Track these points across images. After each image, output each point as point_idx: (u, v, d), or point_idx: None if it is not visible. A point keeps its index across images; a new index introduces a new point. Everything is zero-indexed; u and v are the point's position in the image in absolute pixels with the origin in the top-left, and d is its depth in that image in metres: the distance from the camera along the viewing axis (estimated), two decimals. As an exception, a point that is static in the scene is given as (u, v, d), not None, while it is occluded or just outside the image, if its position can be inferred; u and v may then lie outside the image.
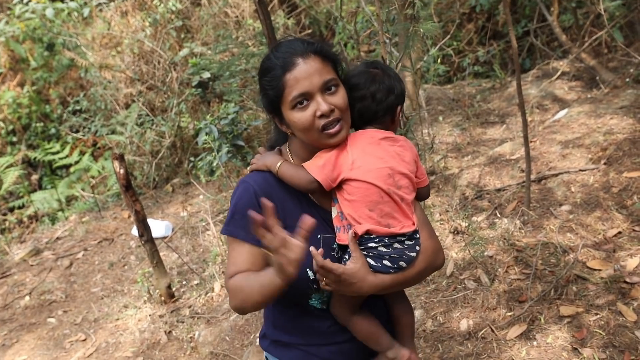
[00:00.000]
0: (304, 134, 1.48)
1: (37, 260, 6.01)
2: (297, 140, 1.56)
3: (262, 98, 1.54)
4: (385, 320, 1.65)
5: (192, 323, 4.18)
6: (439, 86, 7.04)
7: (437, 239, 1.62)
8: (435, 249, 1.59)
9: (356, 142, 1.51)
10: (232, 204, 1.53)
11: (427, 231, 1.59)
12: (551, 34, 6.89)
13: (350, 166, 1.47)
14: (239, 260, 1.49)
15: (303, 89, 1.42)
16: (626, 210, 3.50)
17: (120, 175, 4.10)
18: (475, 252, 3.63)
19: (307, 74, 1.42)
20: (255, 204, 1.48)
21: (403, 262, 1.49)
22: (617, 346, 2.61)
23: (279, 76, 1.44)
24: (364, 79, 1.56)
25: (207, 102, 7.39)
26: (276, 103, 1.48)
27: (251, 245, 1.48)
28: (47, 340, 4.50)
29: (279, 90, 1.45)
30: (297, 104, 1.44)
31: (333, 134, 1.45)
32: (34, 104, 8.97)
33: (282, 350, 1.67)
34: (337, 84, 1.47)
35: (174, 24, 7.46)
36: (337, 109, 1.45)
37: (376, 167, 1.47)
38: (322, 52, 1.47)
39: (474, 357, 2.88)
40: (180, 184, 7.18)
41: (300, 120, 1.44)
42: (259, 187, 1.51)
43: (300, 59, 1.43)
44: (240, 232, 1.49)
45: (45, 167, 8.87)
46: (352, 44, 7.01)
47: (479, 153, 5.04)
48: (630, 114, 4.50)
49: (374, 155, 1.49)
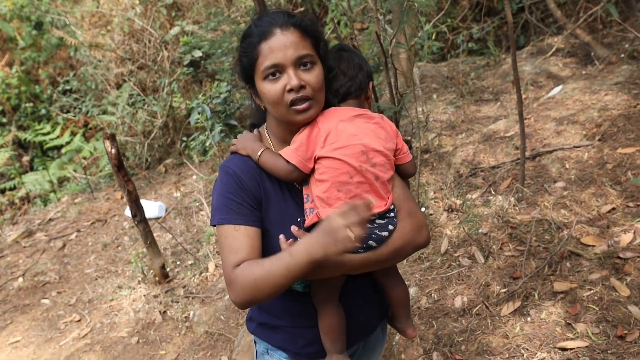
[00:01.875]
0: (273, 108, 1.44)
1: (29, 241, 5.98)
2: (273, 118, 1.52)
3: (237, 65, 1.50)
4: (366, 300, 1.64)
5: (186, 303, 4.18)
6: (433, 63, 6.98)
7: (419, 216, 1.55)
8: (416, 226, 1.52)
9: (328, 119, 1.46)
10: (217, 193, 1.48)
11: (407, 208, 1.53)
12: (546, 10, 6.82)
13: (322, 143, 1.42)
14: (237, 245, 1.41)
15: (275, 60, 1.38)
16: (620, 186, 3.50)
17: (112, 156, 4.05)
18: (470, 230, 3.62)
19: (283, 45, 1.38)
20: (241, 186, 1.45)
21: (372, 241, 1.44)
22: (610, 321, 2.63)
23: (255, 44, 1.40)
24: (333, 59, 1.55)
25: (199, 81, 7.31)
26: (249, 72, 1.45)
27: (247, 226, 1.43)
28: (42, 321, 4.50)
29: (253, 58, 1.41)
30: (269, 75, 1.39)
31: (300, 110, 1.40)
32: (23, 84, 8.85)
33: (268, 332, 1.66)
34: (313, 61, 1.42)
35: (164, 2, 7.34)
36: (308, 86, 1.40)
37: (348, 143, 1.43)
38: (302, 25, 1.42)
39: (469, 333, 2.89)
40: (173, 164, 7.14)
41: (269, 92, 1.40)
42: (240, 170, 1.48)
43: (278, 29, 1.39)
44: (233, 217, 1.44)
45: (36, 148, 8.79)
46: (345, 21, 6.93)
47: (473, 130, 5.02)
48: (625, 90, 4.48)
49: (346, 132, 1.44)
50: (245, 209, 1.44)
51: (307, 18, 1.47)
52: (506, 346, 2.71)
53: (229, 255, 1.41)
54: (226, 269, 1.40)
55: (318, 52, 1.46)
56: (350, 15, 4.56)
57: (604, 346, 2.51)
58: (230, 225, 1.43)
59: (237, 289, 1.37)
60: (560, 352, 2.56)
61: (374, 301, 1.68)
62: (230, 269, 1.39)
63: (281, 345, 1.64)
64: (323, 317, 1.54)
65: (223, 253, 1.43)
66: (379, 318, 1.73)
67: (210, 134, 5.05)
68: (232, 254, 1.40)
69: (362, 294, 1.64)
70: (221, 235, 1.45)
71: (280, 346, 1.65)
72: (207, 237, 4.92)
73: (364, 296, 1.64)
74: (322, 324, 1.55)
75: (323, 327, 1.55)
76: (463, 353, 2.80)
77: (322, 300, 1.53)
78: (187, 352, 3.70)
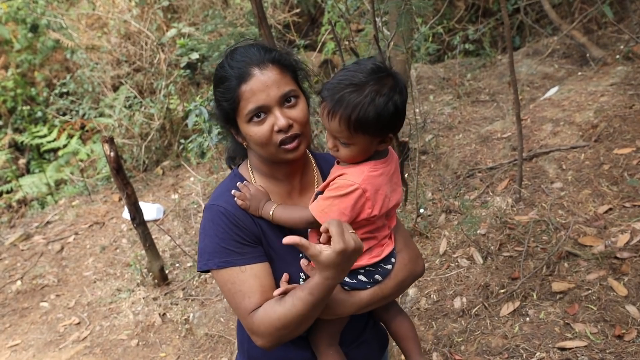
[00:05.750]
0: (260, 148, 1.38)
1: (27, 244, 5.97)
2: (256, 155, 1.46)
3: (216, 109, 1.44)
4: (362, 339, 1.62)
5: (186, 305, 4.19)
6: (430, 65, 7.00)
7: (414, 246, 1.56)
8: (412, 257, 1.52)
9: (372, 185, 1.34)
10: (210, 234, 1.39)
11: (403, 240, 1.52)
12: (541, 11, 6.85)
13: (363, 213, 1.35)
14: (246, 289, 1.34)
15: (260, 102, 1.32)
16: (617, 187, 3.53)
17: (111, 159, 4.06)
18: (468, 231, 3.65)
19: (264, 85, 1.32)
20: (237, 224, 1.39)
21: (378, 275, 1.43)
22: (608, 320, 2.65)
23: (234, 87, 1.34)
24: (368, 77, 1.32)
25: (196, 83, 7.32)
26: (231, 115, 1.39)
27: (253, 265, 1.37)
28: (41, 324, 4.49)
29: (234, 102, 1.35)
30: (253, 117, 1.34)
31: (291, 149, 1.36)
32: (19, 86, 8.83)
33: None
34: (296, 95, 1.37)
35: (161, 4, 7.34)
36: (296, 124, 1.35)
37: (382, 205, 1.37)
38: (280, 61, 1.37)
39: (468, 333, 2.91)
40: (171, 167, 7.14)
41: (256, 135, 1.35)
42: (232, 207, 1.41)
43: (256, 69, 1.33)
44: (236, 259, 1.37)
45: (32, 151, 8.76)
46: (342, 23, 6.94)
47: (471, 131, 5.04)
48: (621, 91, 4.51)
49: (382, 194, 1.37)
50: (247, 247, 1.38)
51: (283, 51, 1.42)
52: (505, 346, 2.73)
53: (242, 301, 1.35)
54: (243, 316, 1.35)
55: (299, 84, 1.42)
56: (347, 17, 4.57)
57: (602, 346, 2.53)
58: (235, 268, 1.36)
59: (262, 336, 1.33)
60: (559, 351, 2.58)
61: (370, 339, 1.66)
62: (246, 315, 1.34)
63: None
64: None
65: (234, 299, 1.36)
66: (378, 354, 1.70)
67: (208, 136, 5.06)
68: (246, 299, 1.34)
69: (358, 334, 1.61)
70: (226, 280, 1.37)
71: None
72: (206, 239, 4.93)
73: (360, 336, 1.62)
74: None
75: None
76: (462, 353, 2.82)
77: (323, 345, 1.48)
78: (187, 355, 3.71)
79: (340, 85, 1.28)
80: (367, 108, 1.26)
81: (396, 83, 1.30)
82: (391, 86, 1.28)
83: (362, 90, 1.26)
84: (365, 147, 1.33)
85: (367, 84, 1.27)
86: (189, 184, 6.26)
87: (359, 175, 1.32)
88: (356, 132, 1.29)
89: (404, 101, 1.31)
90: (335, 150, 1.36)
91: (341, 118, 1.28)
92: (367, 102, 1.26)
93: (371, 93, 1.26)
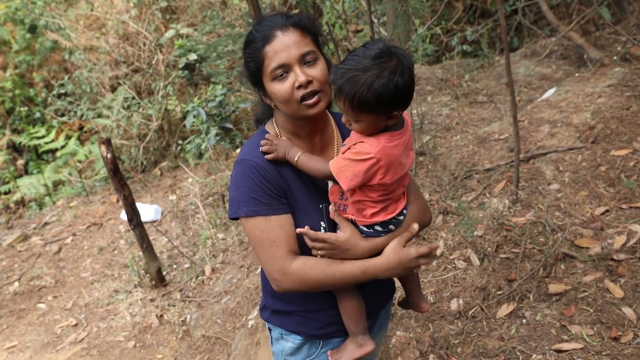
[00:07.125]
0: (284, 105, 1.51)
1: (25, 245, 5.97)
2: (282, 113, 1.59)
3: (244, 70, 1.58)
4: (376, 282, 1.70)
5: (183, 306, 4.19)
6: (428, 66, 7.00)
7: (423, 198, 1.72)
8: (422, 208, 1.68)
9: (390, 161, 1.46)
10: (239, 185, 1.53)
11: (414, 192, 1.68)
12: (539, 12, 6.86)
13: (376, 179, 1.47)
14: (274, 237, 1.50)
15: (281, 60, 1.46)
16: (614, 189, 3.53)
17: (108, 160, 4.05)
18: (465, 232, 3.65)
19: (285, 46, 1.46)
20: (266, 177, 1.52)
21: (392, 225, 1.57)
22: (605, 322, 2.65)
23: (259, 48, 1.48)
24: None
25: (194, 84, 7.32)
26: (257, 75, 1.52)
27: (277, 216, 1.52)
28: (38, 325, 4.49)
29: (259, 62, 1.49)
30: (277, 76, 1.47)
31: (311, 104, 1.48)
32: (18, 87, 8.83)
33: (282, 318, 1.73)
34: (316, 57, 1.50)
35: (159, 5, 7.34)
36: (315, 81, 1.47)
37: (397, 172, 1.50)
38: (300, 24, 1.50)
39: (465, 335, 2.91)
40: (169, 168, 7.13)
41: (279, 92, 1.48)
42: (262, 162, 1.54)
43: (279, 32, 1.47)
44: (263, 209, 1.51)
45: (30, 151, 8.76)
46: (340, 24, 6.94)
47: (468, 133, 5.04)
48: (618, 92, 4.51)
49: (397, 163, 1.49)
50: (273, 199, 1.52)
51: (304, 16, 1.55)
52: (502, 348, 2.73)
53: (270, 248, 1.51)
54: (274, 260, 1.51)
55: (319, 47, 1.55)
56: (345, 18, 4.57)
57: (598, 348, 2.53)
58: (260, 217, 1.51)
59: (294, 282, 1.50)
60: (556, 353, 2.58)
61: (384, 283, 1.80)
62: (280, 261, 1.50)
63: (295, 329, 1.71)
64: (344, 301, 1.61)
65: (262, 246, 1.52)
66: (387, 299, 1.85)
67: (205, 137, 5.05)
68: (274, 247, 1.50)
69: None
70: (253, 228, 1.52)
71: (294, 330, 1.72)
72: (203, 241, 4.93)
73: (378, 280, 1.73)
74: (344, 308, 1.62)
75: (346, 310, 1.62)
76: (459, 355, 2.82)
77: None
78: (184, 356, 3.71)
79: (346, 69, 1.40)
80: (367, 93, 1.37)
81: (399, 64, 1.39)
82: (392, 69, 1.37)
83: (364, 74, 1.37)
84: (372, 124, 1.45)
85: (370, 69, 1.37)
86: (187, 185, 6.26)
87: (376, 145, 1.44)
88: (360, 112, 1.41)
89: (407, 81, 1.40)
90: (349, 124, 1.50)
91: (345, 101, 1.41)
92: (367, 87, 1.37)
93: (371, 77, 1.36)
